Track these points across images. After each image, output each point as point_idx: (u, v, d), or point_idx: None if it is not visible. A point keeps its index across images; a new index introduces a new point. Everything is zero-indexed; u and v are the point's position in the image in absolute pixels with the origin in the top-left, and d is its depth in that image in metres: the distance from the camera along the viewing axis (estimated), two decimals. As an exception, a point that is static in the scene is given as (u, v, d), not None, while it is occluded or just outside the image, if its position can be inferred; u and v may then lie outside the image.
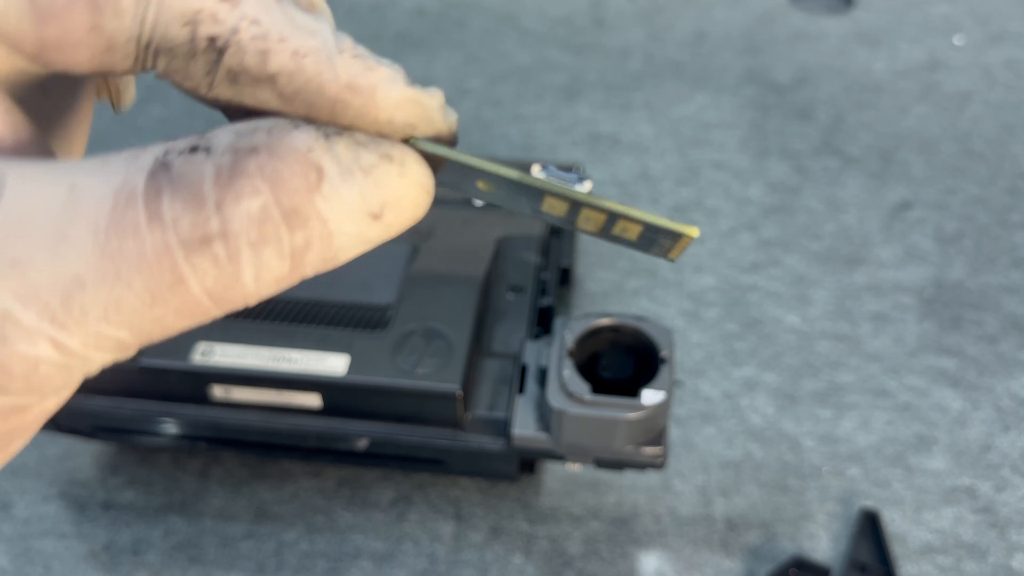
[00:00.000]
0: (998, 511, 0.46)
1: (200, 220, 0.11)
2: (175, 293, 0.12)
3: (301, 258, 0.12)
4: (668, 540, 0.45)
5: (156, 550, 0.44)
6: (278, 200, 0.12)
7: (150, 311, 0.12)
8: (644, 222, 0.14)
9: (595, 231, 0.15)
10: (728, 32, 0.86)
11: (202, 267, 0.11)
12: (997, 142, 0.71)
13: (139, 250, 0.11)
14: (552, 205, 0.14)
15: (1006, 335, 0.56)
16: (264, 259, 0.12)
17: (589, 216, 0.15)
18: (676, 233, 0.14)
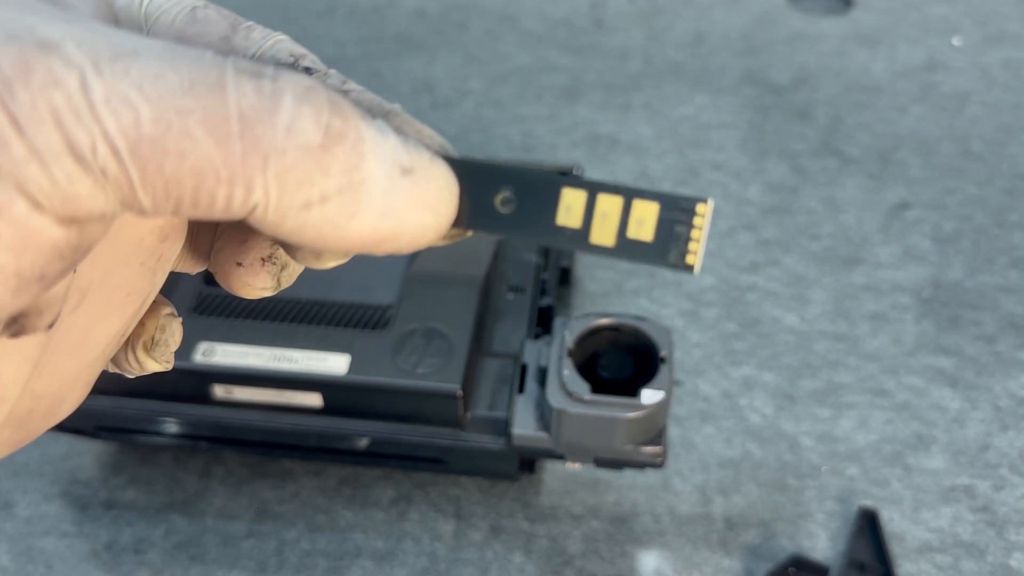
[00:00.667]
0: (996, 510, 0.46)
1: (257, 65, 0.12)
2: (210, 93, 0.12)
3: (332, 145, 0.12)
4: (667, 539, 0.45)
5: (157, 549, 0.45)
6: (329, 93, 0.12)
7: (182, 98, 0.11)
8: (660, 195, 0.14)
9: (611, 243, 0.14)
10: (727, 33, 0.86)
11: (244, 87, 0.12)
12: (995, 142, 0.71)
13: (198, 56, 0.12)
14: (569, 208, 0.14)
15: (1004, 335, 0.56)
16: (300, 115, 0.12)
17: (605, 212, 0.14)
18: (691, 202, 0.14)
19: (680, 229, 0.14)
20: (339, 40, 0.86)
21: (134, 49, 0.11)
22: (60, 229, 0.11)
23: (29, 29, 0.11)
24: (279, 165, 0.12)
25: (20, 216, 0.11)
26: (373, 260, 0.46)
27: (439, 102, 0.78)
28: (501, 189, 0.15)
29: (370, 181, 0.13)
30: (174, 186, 0.12)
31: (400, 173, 0.13)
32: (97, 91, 0.11)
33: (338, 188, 0.12)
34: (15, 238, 0.11)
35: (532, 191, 0.15)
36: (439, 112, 0.76)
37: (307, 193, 0.12)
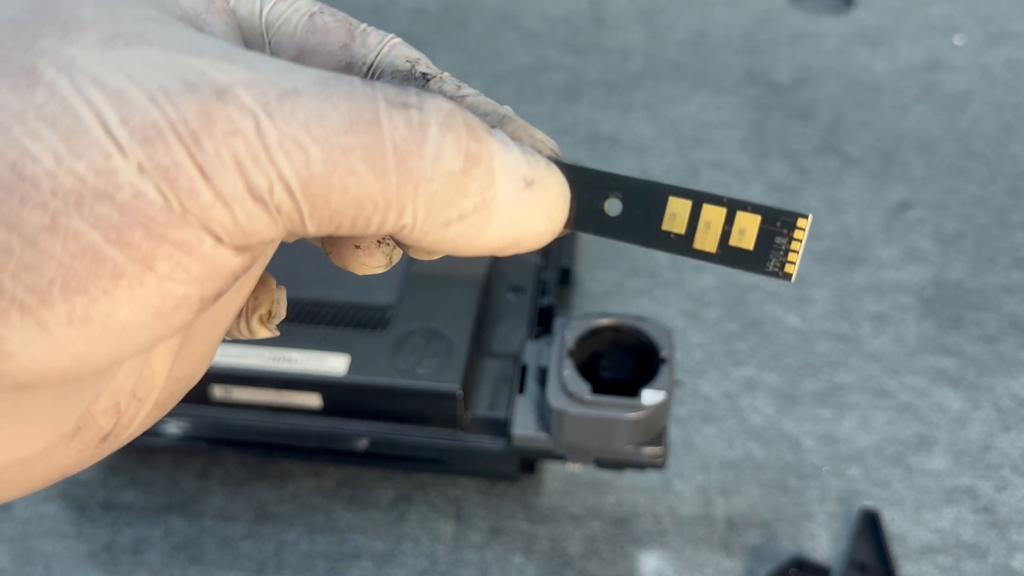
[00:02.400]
0: (998, 511, 0.46)
1: (403, 93, 0.13)
2: (369, 130, 0.13)
3: (471, 168, 0.13)
4: (668, 540, 0.45)
5: (156, 550, 0.44)
6: (464, 116, 0.14)
7: (345, 137, 0.12)
8: (762, 208, 0.15)
9: (714, 249, 0.15)
10: (728, 32, 0.86)
11: (396, 120, 0.13)
12: (997, 142, 0.71)
13: (350, 90, 0.13)
14: (673, 215, 0.15)
15: (1006, 335, 0.56)
16: (445, 143, 0.13)
17: (709, 221, 0.15)
18: (793, 216, 0.15)
19: (780, 240, 0.15)
20: (339, 39, 0.86)
21: (296, 88, 0.12)
22: (237, 257, 0.13)
23: (202, 75, 0.12)
24: (427, 192, 0.13)
25: (207, 253, 0.12)
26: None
27: (439, 101, 0.77)
28: (609, 194, 0.16)
29: (499, 196, 0.14)
30: (337, 215, 0.13)
31: (524, 186, 0.14)
32: (271, 135, 0.12)
33: (474, 207, 0.14)
34: (202, 271, 0.12)
35: (639, 197, 0.15)
36: (439, 111, 0.76)
37: (448, 214, 0.14)
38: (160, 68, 0.12)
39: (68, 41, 0.12)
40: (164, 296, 0.12)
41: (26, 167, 0.11)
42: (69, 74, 0.12)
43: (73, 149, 0.11)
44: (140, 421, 0.16)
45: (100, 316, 0.12)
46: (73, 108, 0.12)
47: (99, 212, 0.12)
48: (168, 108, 0.12)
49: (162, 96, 0.12)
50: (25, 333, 0.12)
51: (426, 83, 0.16)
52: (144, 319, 0.12)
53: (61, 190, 0.11)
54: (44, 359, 0.12)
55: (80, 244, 0.12)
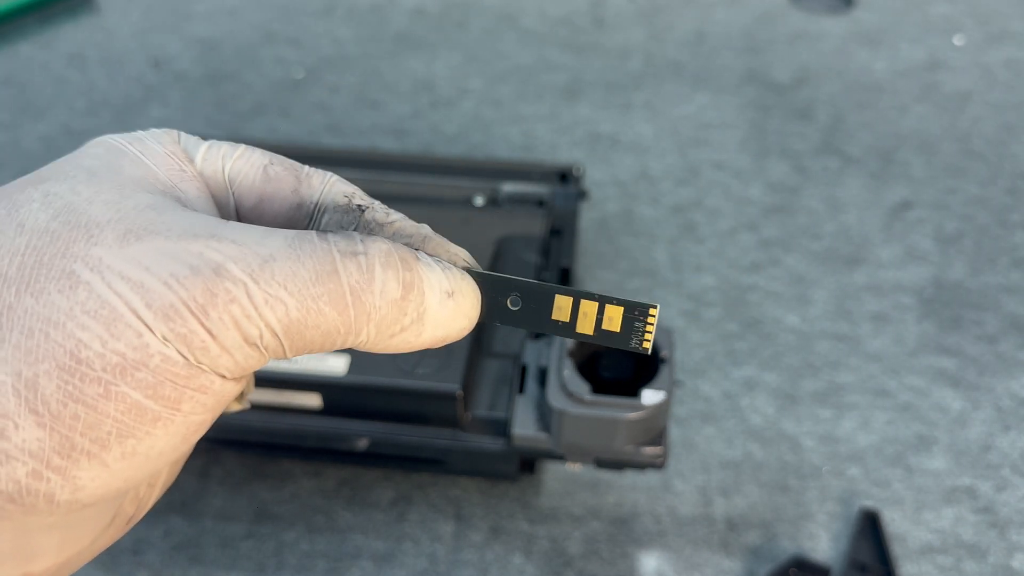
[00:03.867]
0: (998, 511, 0.46)
1: (351, 244, 0.17)
2: (330, 279, 0.17)
3: (407, 293, 0.18)
4: (668, 540, 0.45)
5: (156, 550, 0.44)
6: (399, 252, 0.18)
7: (313, 288, 0.16)
8: (624, 301, 0.20)
9: (591, 331, 0.20)
10: (728, 32, 0.86)
11: (349, 267, 0.17)
12: (997, 142, 0.71)
13: (311, 249, 0.17)
14: (560, 308, 0.20)
15: (1006, 335, 0.56)
16: (387, 278, 0.17)
17: (586, 312, 0.20)
18: (645, 307, 0.20)
19: (638, 324, 0.20)
20: (338, 39, 0.86)
21: (272, 254, 0.16)
22: (236, 385, 0.17)
23: (200, 257, 0.16)
24: (377, 317, 0.17)
25: (217, 389, 0.16)
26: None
27: (439, 101, 0.77)
28: (510, 294, 0.20)
29: (429, 309, 0.18)
30: (310, 344, 0.17)
31: (447, 297, 0.19)
32: (258, 296, 0.16)
33: (411, 321, 0.18)
34: (214, 402, 0.17)
35: (533, 296, 0.20)
36: (439, 111, 0.76)
37: (393, 329, 0.18)
38: (168, 256, 0.16)
39: (93, 243, 0.16)
40: (188, 426, 0.16)
41: (81, 352, 0.15)
42: (100, 273, 0.15)
43: (113, 333, 0.15)
44: (152, 500, 0.20)
45: (144, 450, 0.16)
46: (108, 301, 0.15)
47: (139, 377, 0.15)
48: (180, 290, 0.15)
49: (174, 281, 0.15)
50: (91, 471, 0.16)
51: (361, 214, 0.20)
52: (175, 444, 0.17)
53: (109, 366, 0.15)
54: (104, 486, 0.16)
55: (127, 403, 0.15)
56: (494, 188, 0.54)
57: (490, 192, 0.53)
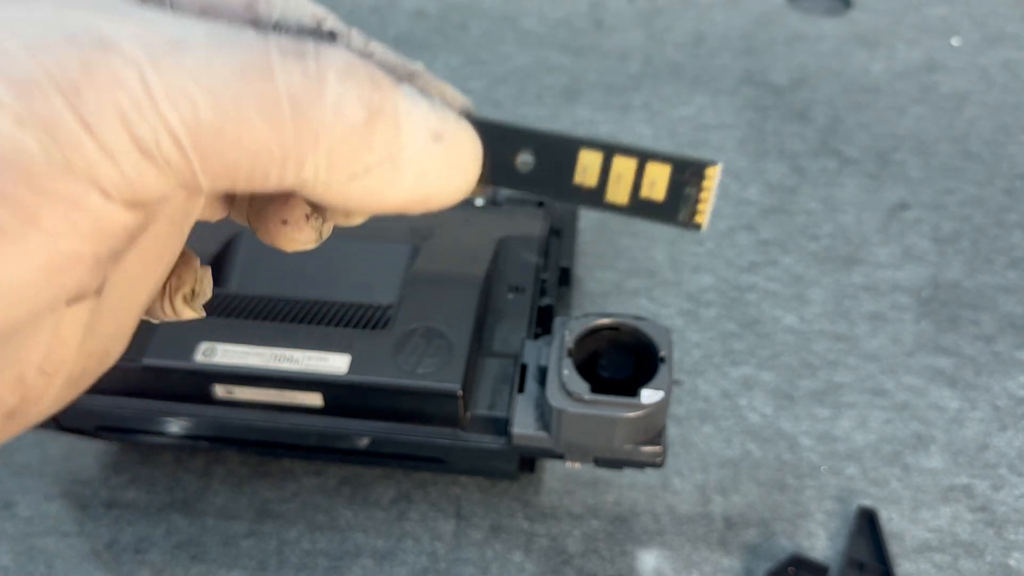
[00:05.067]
0: (995, 510, 0.47)
1: (298, 44, 0.13)
2: (261, 78, 0.12)
3: (374, 120, 0.13)
4: (667, 538, 0.45)
5: (158, 549, 0.45)
6: (366, 67, 0.13)
7: (236, 86, 0.12)
8: (672, 158, 0.15)
9: (625, 201, 0.15)
10: (726, 33, 0.86)
11: (291, 69, 0.12)
12: (994, 143, 0.72)
13: (241, 40, 0.12)
14: (585, 168, 0.15)
15: (1003, 335, 0.56)
16: (345, 93, 0.13)
17: (620, 173, 0.15)
18: (702, 165, 0.15)
19: (690, 191, 0.15)
20: (339, 41, 0.86)
21: (184, 38, 0.12)
22: (129, 213, 0.13)
23: (86, 27, 0.12)
24: (329, 142, 0.13)
25: (95, 207, 0.12)
26: (374, 260, 0.46)
27: (439, 102, 0.78)
28: (521, 149, 0.15)
29: (407, 150, 0.14)
30: (232, 168, 0.13)
31: (432, 140, 0.14)
32: (157, 86, 0.12)
33: (379, 160, 0.13)
34: (92, 227, 0.12)
35: (551, 151, 0.15)
36: (439, 112, 0.76)
37: (353, 167, 0.13)
38: (44, 22, 0.12)
39: None
40: (52, 253, 0.12)
41: None
42: None
43: None
44: (51, 398, 0.15)
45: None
46: None
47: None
48: (46, 59, 0.11)
49: (41, 48, 0.11)
50: None
51: (333, 41, 0.15)
52: (33, 277, 0.12)
53: None
54: None
55: None
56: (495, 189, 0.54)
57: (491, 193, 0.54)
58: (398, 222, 0.48)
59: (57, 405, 0.16)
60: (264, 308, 0.43)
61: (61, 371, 0.15)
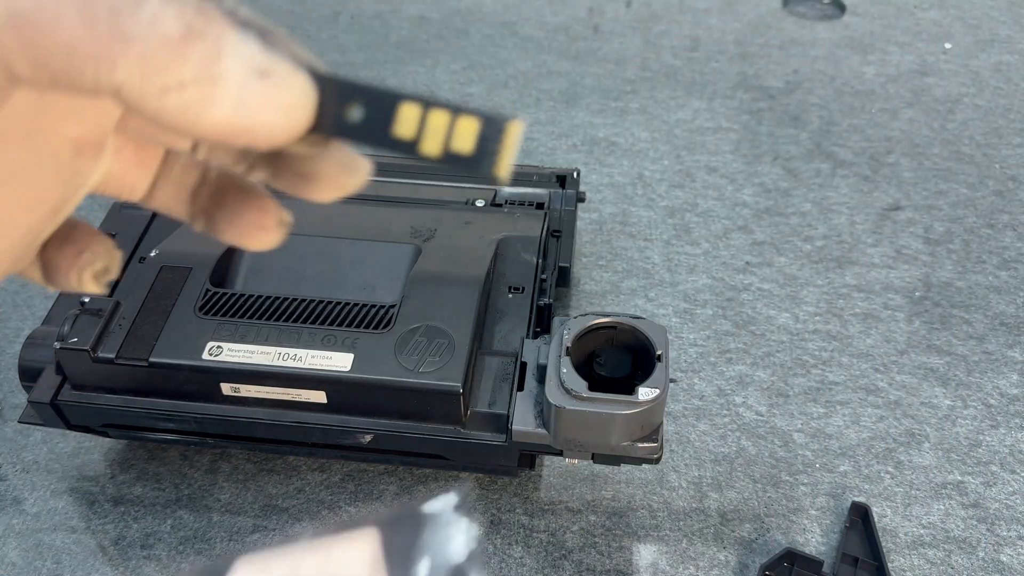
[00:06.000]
0: (987, 506, 0.47)
1: None
2: None
3: (192, 40, 0.14)
4: (663, 533, 0.46)
5: (165, 544, 0.45)
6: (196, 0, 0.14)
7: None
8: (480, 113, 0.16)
9: (437, 152, 0.16)
10: (722, 38, 0.87)
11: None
12: (986, 145, 0.73)
13: None
14: (405, 119, 0.16)
15: (994, 334, 0.57)
16: (164, 10, 0.14)
17: (435, 127, 0.16)
18: (503, 120, 0.16)
19: (494, 145, 0.16)
20: (343, 46, 0.87)
21: None
22: None
23: None
24: (140, 50, 0.14)
25: None
26: (376, 261, 0.47)
27: (439, 107, 0.79)
28: (353, 101, 0.16)
29: (225, 77, 0.14)
30: (48, 58, 0.14)
31: (256, 75, 0.15)
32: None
33: (194, 78, 0.14)
34: None
35: (375, 104, 0.16)
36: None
37: (165, 79, 0.14)
38: None
39: None
40: None
41: None
42: None
43: None
44: None
45: None
46: None
47: None
48: None
49: None
50: None
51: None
52: None
53: None
54: None
55: None
56: (495, 191, 0.55)
57: (491, 195, 0.54)
58: (400, 223, 0.49)
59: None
60: (269, 308, 0.44)
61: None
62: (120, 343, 0.42)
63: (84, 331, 0.42)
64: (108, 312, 0.43)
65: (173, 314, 0.43)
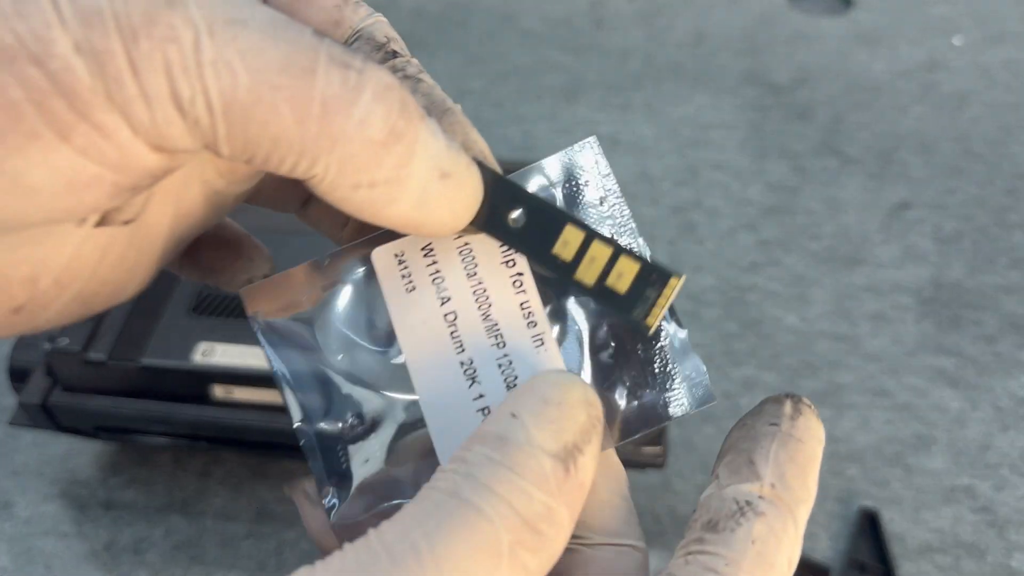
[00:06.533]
0: (997, 511, 0.47)
1: (348, 55, 0.14)
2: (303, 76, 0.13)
3: (392, 143, 0.14)
4: (668, 539, 0.45)
5: (157, 549, 0.45)
6: (402, 94, 0.14)
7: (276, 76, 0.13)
8: (643, 259, 0.16)
9: (591, 283, 0.16)
10: (727, 33, 0.86)
11: (332, 76, 0.14)
12: (996, 142, 0.72)
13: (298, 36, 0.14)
14: (566, 242, 0.16)
15: (1004, 335, 0.56)
16: (374, 111, 0.14)
17: (595, 256, 0.16)
18: (667, 274, 0.16)
19: (651, 292, 0.16)
20: (339, 40, 0.86)
21: (245, 18, 0.13)
22: (152, 155, 0.14)
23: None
24: (344, 151, 0.14)
25: (122, 140, 0.13)
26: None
27: (439, 102, 0.78)
28: (516, 207, 0.17)
29: (413, 178, 0.15)
30: (252, 145, 0.14)
31: (439, 176, 0.15)
32: (207, 53, 0.13)
33: (386, 179, 0.14)
34: (116, 158, 0.13)
35: (541, 217, 0.16)
36: (439, 112, 0.76)
37: (360, 178, 0.14)
38: None
39: None
40: (77, 169, 0.13)
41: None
42: None
43: (20, 11, 0.12)
44: (58, 307, 0.17)
45: (11, 170, 0.13)
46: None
47: (28, 73, 0.12)
48: (117, 1, 0.13)
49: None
50: None
51: (392, 60, 0.17)
52: (55, 186, 0.13)
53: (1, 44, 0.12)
54: None
55: (3, 97, 0.12)
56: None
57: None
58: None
59: (63, 319, 0.17)
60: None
61: (73, 286, 0.17)
62: (111, 344, 0.41)
63: (75, 332, 0.41)
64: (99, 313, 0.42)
65: (165, 315, 0.42)
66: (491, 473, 0.14)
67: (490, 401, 0.17)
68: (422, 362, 0.18)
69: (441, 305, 0.18)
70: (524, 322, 0.17)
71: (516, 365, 0.17)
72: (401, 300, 0.18)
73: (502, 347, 0.17)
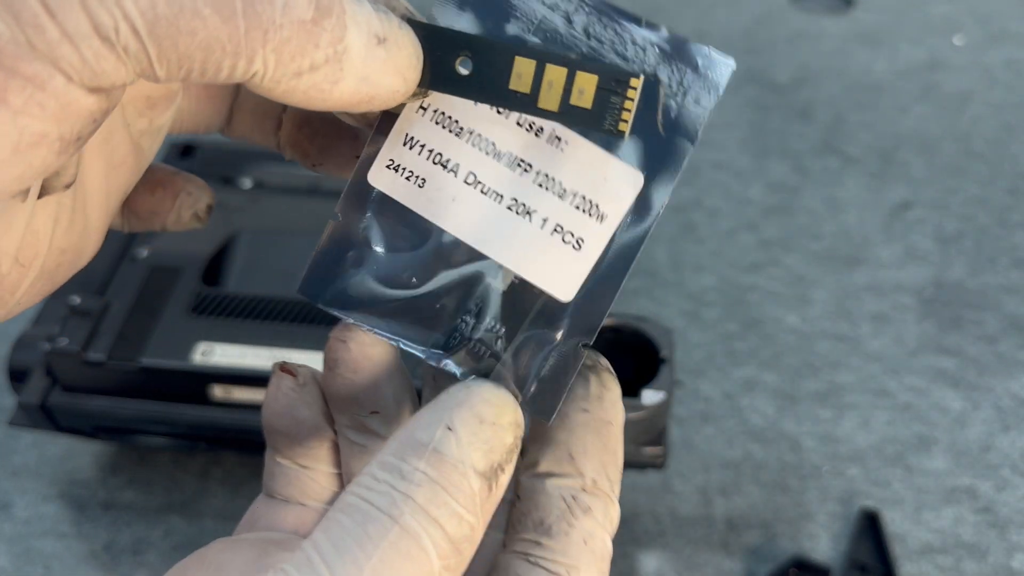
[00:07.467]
0: (998, 511, 0.46)
1: None
2: None
3: (321, 18, 0.14)
4: (668, 540, 0.45)
5: (156, 550, 0.45)
6: None
7: None
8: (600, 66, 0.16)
9: (555, 108, 0.16)
10: (728, 32, 0.86)
11: None
12: (997, 142, 0.71)
13: None
14: (520, 75, 0.16)
15: (1006, 335, 0.56)
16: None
17: (552, 80, 0.16)
18: (626, 75, 0.16)
19: (615, 99, 0.16)
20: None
21: None
22: (91, 97, 0.13)
23: None
24: (277, 39, 0.14)
25: (59, 89, 0.13)
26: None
27: (439, 101, 0.78)
28: (459, 53, 0.16)
29: (351, 51, 0.14)
30: (185, 59, 0.13)
31: (376, 42, 0.15)
32: None
33: (325, 58, 0.14)
34: (56, 108, 0.13)
35: (488, 56, 0.16)
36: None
37: (299, 63, 0.14)
38: None
39: None
40: (21, 131, 0.13)
41: None
42: None
43: None
44: (25, 288, 0.17)
45: None
46: None
47: None
48: None
49: None
50: None
51: None
52: (2, 154, 0.13)
53: None
54: None
55: None
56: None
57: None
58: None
59: (34, 298, 0.17)
60: (261, 308, 0.43)
61: (35, 263, 0.16)
62: (111, 345, 0.41)
63: (74, 333, 0.41)
64: (98, 313, 0.42)
65: (164, 315, 0.42)
66: (428, 495, 0.14)
67: (557, 217, 0.17)
68: (481, 233, 0.18)
69: (456, 176, 0.18)
70: (532, 136, 0.17)
71: (553, 173, 0.17)
72: (421, 198, 0.18)
73: (530, 169, 0.17)
